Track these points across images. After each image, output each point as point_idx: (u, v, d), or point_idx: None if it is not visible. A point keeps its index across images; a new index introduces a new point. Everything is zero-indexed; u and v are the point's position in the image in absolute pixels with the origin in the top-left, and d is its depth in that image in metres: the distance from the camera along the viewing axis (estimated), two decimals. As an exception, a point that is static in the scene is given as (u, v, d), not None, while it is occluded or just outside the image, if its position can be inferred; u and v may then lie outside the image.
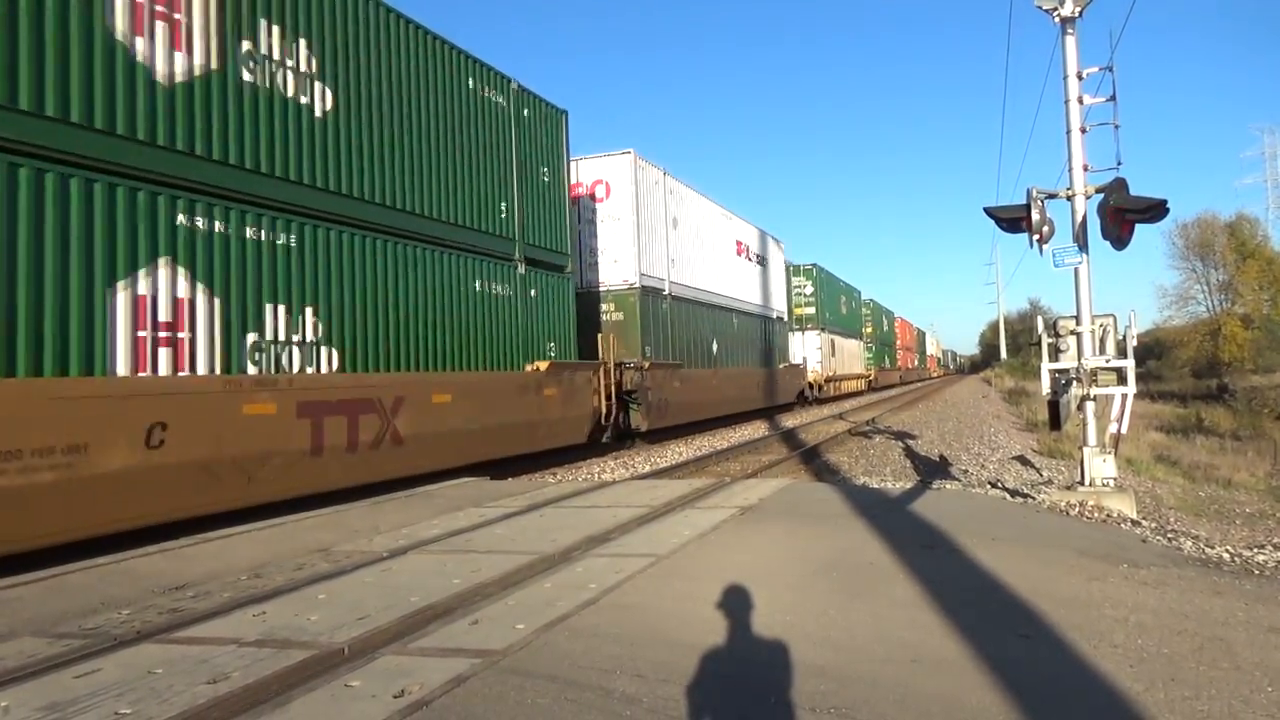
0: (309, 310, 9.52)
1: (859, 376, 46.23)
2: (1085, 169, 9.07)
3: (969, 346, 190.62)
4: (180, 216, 8.06)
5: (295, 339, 9.32)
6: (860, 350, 47.79)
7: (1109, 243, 8.57)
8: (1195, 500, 12.96)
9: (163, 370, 7.76)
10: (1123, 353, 8.87)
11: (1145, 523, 8.43)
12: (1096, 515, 8.12)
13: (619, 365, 16.97)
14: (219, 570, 6.14)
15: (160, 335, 7.76)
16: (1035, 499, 8.98)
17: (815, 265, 37.32)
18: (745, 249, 27.51)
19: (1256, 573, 5.95)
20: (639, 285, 18.58)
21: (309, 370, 9.47)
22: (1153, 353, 58.68)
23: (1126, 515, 8.29)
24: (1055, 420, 9.38)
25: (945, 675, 3.71)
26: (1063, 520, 7.84)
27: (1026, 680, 3.63)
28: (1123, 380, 8.79)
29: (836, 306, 41.53)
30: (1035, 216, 8.82)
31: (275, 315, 9.05)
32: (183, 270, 8.01)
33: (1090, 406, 8.86)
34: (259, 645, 4.24)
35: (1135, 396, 9.02)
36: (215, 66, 8.53)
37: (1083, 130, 9.12)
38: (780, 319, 31.33)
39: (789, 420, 27.27)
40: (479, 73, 13.21)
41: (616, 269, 18.75)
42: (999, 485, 11.11)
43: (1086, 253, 8.98)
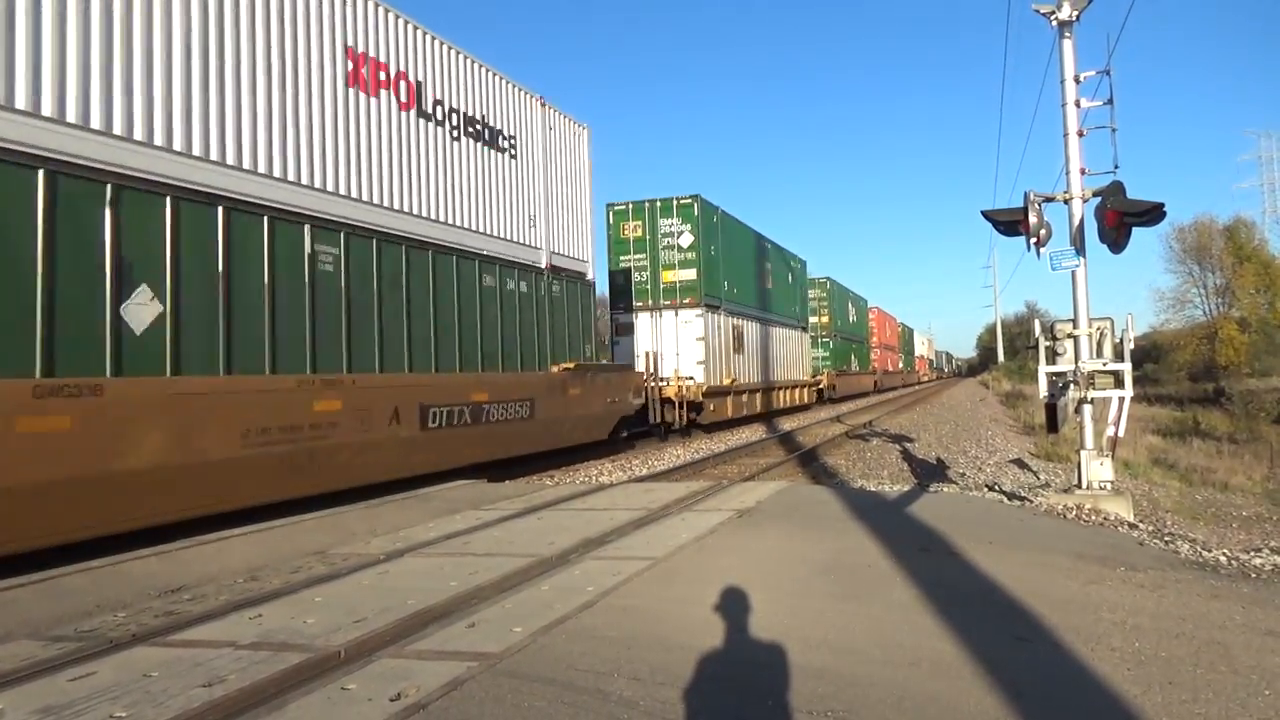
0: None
1: (800, 385, 32.99)
2: (1082, 172, 9.09)
3: (966, 349, 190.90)
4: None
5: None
6: (803, 347, 34.29)
7: (1106, 246, 8.59)
8: (1192, 503, 12.96)
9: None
10: (1120, 356, 8.88)
11: (1142, 526, 8.44)
12: (1094, 518, 8.12)
13: None
14: (215, 573, 6.13)
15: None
16: (1032, 502, 8.98)
17: (697, 198, 22.98)
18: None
19: (1253, 576, 5.96)
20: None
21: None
22: (1149, 356, 58.73)
23: (1124, 518, 8.29)
24: (1052, 423, 9.40)
25: (943, 678, 3.71)
26: (1060, 523, 7.84)
27: (1024, 683, 3.63)
28: (1120, 383, 8.80)
29: (750, 275, 27.19)
30: (1033, 220, 8.83)
31: None
32: None
33: (1087, 410, 8.87)
34: (255, 648, 4.22)
35: (1132, 400, 9.03)
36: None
37: (1080, 134, 9.13)
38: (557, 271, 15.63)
39: (787, 423, 27.26)
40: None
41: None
42: (996, 488, 11.11)
43: (1084, 256, 8.99)
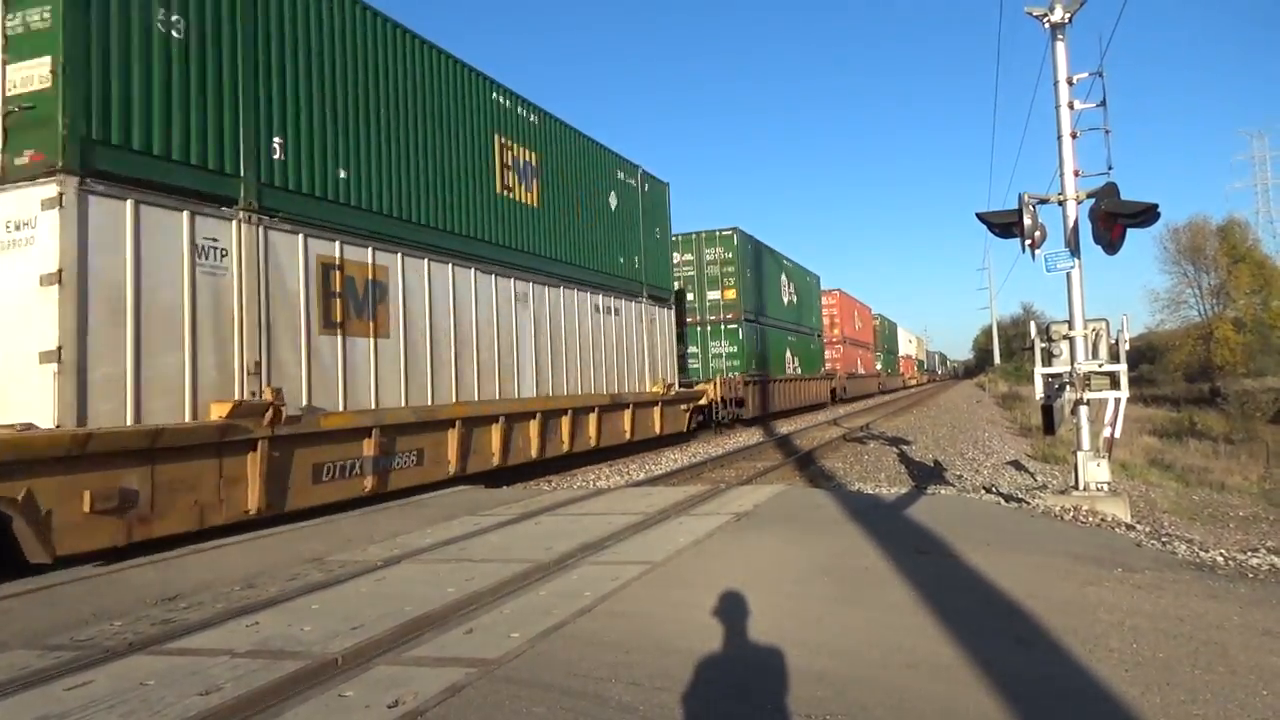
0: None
1: (644, 403, 18.32)
2: (1076, 174, 9.11)
3: (963, 351, 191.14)
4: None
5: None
6: (654, 341, 19.18)
7: (1100, 247, 8.60)
8: (1189, 504, 12.98)
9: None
10: (1115, 357, 8.90)
11: (1139, 527, 8.44)
12: (1091, 519, 8.13)
13: None
14: (211, 581, 6.11)
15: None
16: (1030, 504, 8.99)
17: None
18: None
19: (1251, 576, 5.96)
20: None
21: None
22: (1145, 357, 58.88)
23: (1121, 519, 8.29)
24: (1049, 424, 9.41)
25: (942, 680, 3.70)
26: (1057, 525, 7.84)
27: (1023, 685, 3.63)
28: (1116, 384, 8.81)
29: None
30: (1027, 221, 8.85)
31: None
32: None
33: (1084, 411, 8.88)
34: (252, 656, 4.21)
35: (1128, 401, 9.04)
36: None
37: (1073, 135, 9.15)
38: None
39: (785, 426, 27.26)
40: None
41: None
42: (993, 490, 11.12)
43: (1078, 257, 9.01)
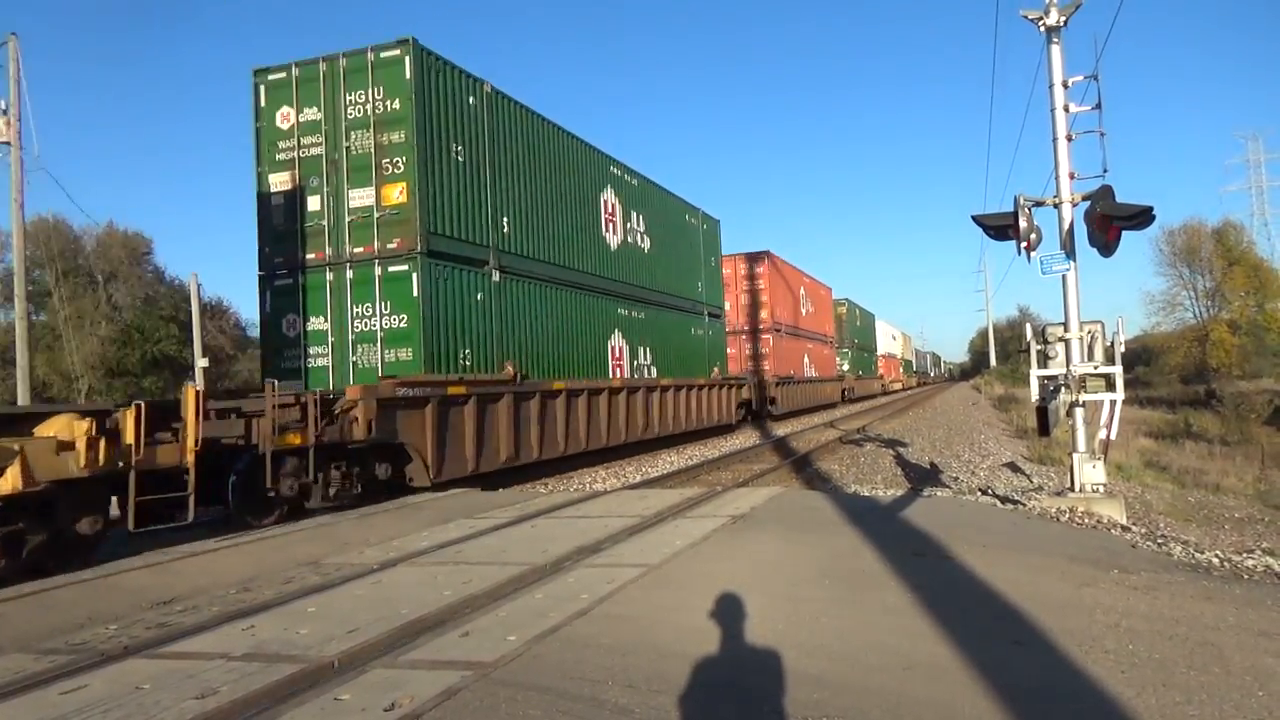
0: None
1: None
2: (1072, 176, 9.14)
3: (959, 354, 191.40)
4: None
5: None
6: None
7: (1096, 249, 8.63)
8: (1184, 505, 13.00)
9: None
10: (1111, 359, 8.92)
11: (1135, 528, 8.46)
12: (1087, 521, 8.15)
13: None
14: (207, 584, 6.09)
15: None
16: (1026, 505, 9.00)
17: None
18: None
19: (1246, 577, 5.98)
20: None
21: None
22: (1141, 359, 58.96)
23: (1116, 521, 8.31)
24: (1044, 426, 9.42)
25: (938, 682, 3.71)
26: (1053, 526, 7.86)
27: (1019, 686, 3.63)
28: (1111, 386, 8.83)
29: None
30: (1023, 224, 8.87)
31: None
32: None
33: (1079, 413, 8.90)
34: (248, 659, 4.20)
35: (1124, 402, 9.07)
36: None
37: (1069, 138, 9.19)
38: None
39: (780, 429, 27.27)
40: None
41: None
42: (990, 492, 11.14)
43: (1074, 259, 9.03)
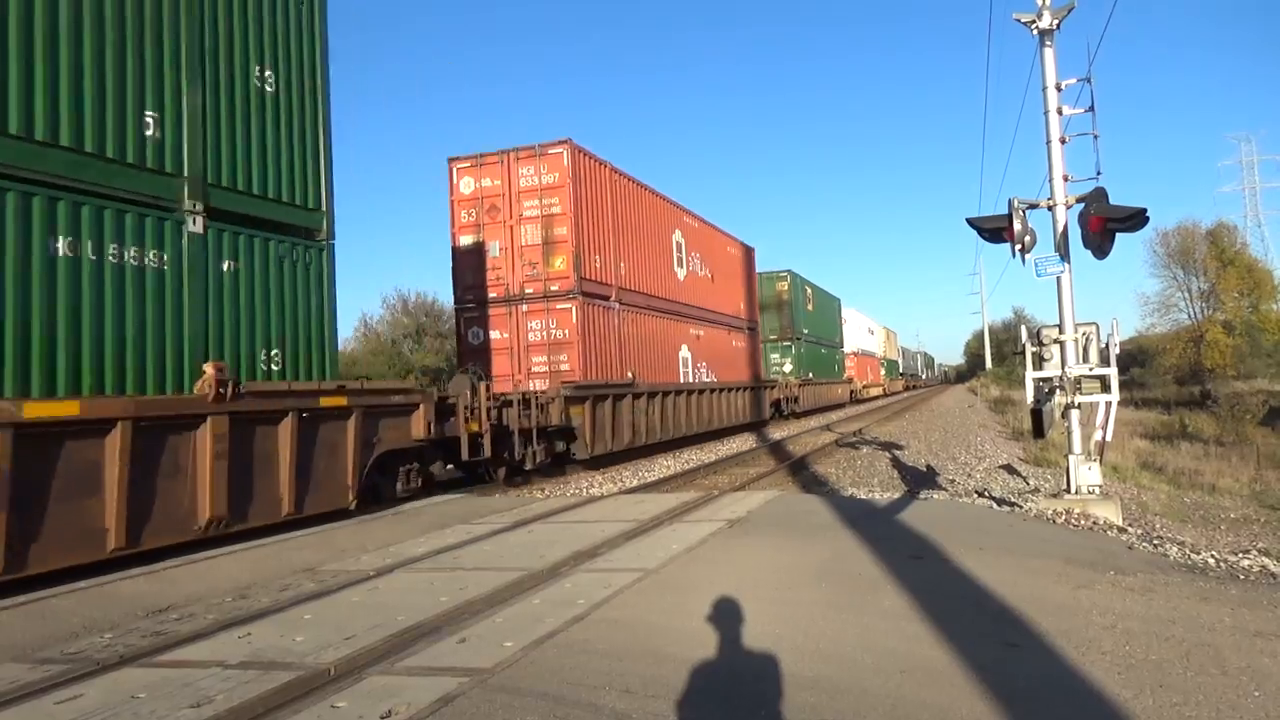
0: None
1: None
2: (1066, 179, 9.16)
3: (955, 356, 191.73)
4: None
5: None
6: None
7: (1090, 252, 8.64)
8: (1180, 506, 13.02)
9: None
10: (1106, 360, 8.93)
11: (1131, 530, 8.47)
12: (1083, 523, 8.15)
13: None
14: (203, 592, 6.08)
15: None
16: (1022, 507, 9.01)
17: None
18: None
19: (1242, 578, 5.99)
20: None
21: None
22: (1136, 360, 59.01)
23: (1112, 522, 8.32)
24: (1039, 428, 9.43)
25: (935, 685, 3.71)
26: (1049, 528, 7.87)
27: (1016, 689, 3.63)
28: (1106, 388, 8.84)
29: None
30: (1017, 226, 8.88)
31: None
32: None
33: (1075, 415, 8.91)
34: (244, 667, 4.19)
35: (1119, 404, 9.08)
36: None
37: (1062, 141, 9.21)
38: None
39: (778, 432, 27.29)
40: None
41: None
42: (986, 494, 11.15)
43: (1068, 262, 9.05)
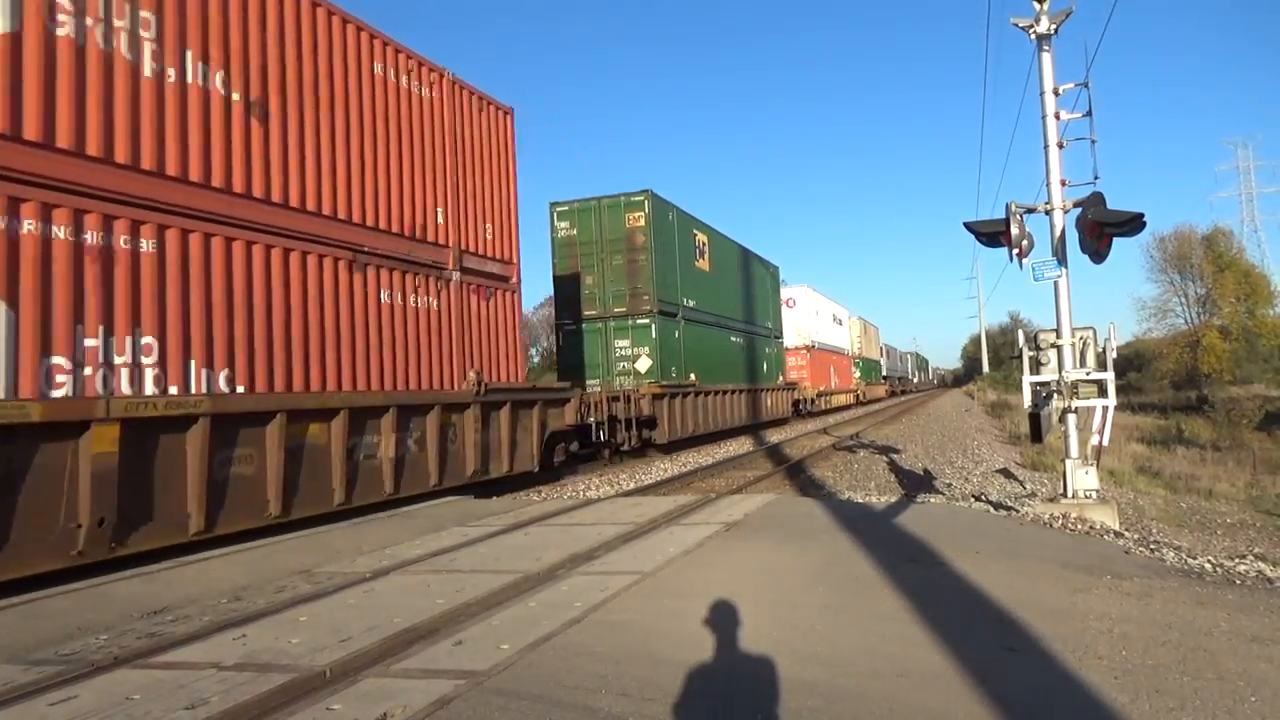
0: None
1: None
2: (1063, 184, 9.18)
3: (952, 360, 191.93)
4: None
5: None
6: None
7: (1087, 256, 8.66)
8: (1177, 511, 13.03)
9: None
10: (1103, 365, 8.94)
11: (1128, 534, 8.48)
12: (1080, 527, 8.16)
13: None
14: (198, 594, 6.06)
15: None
16: (1019, 512, 9.01)
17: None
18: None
19: (1238, 583, 5.99)
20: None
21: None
22: (1133, 365, 59.10)
23: (1109, 527, 8.33)
24: (1036, 432, 9.45)
25: (932, 689, 3.70)
26: (1046, 533, 7.87)
27: (1013, 693, 3.63)
28: (1103, 392, 8.85)
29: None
30: (1014, 231, 8.90)
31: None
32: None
33: (1071, 419, 8.92)
34: (239, 669, 4.18)
35: (1116, 408, 9.09)
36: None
37: (1060, 145, 9.23)
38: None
39: (775, 435, 27.30)
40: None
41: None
42: (983, 498, 11.15)
43: (1065, 266, 9.06)
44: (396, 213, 10.99)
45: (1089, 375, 8.92)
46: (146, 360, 7.39)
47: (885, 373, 67.06)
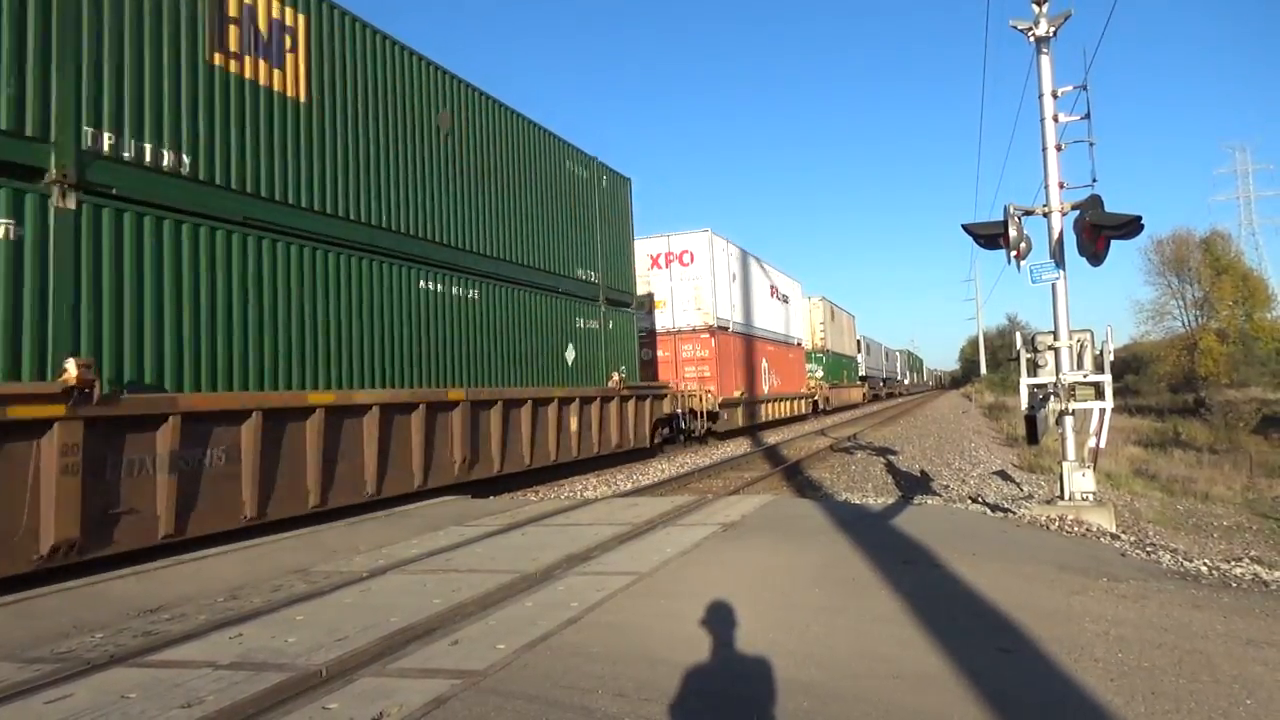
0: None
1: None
2: (1061, 186, 9.19)
3: (950, 362, 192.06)
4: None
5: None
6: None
7: (1085, 259, 8.67)
8: (1173, 514, 13.06)
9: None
10: (1100, 367, 8.95)
11: (1124, 536, 8.48)
12: (1076, 529, 8.16)
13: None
14: (195, 592, 6.05)
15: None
16: (1015, 514, 9.02)
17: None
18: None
19: (1234, 585, 6.00)
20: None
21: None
22: (1130, 367, 59.18)
23: (1106, 529, 8.34)
24: (1032, 434, 9.46)
25: (928, 691, 3.71)
26: (1043, 535, 7.87)
27: (1009, 695, 3.63)
28: (1100, 395, 8.86)
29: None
30: (1013, 233, 8.91)
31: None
32: None
33: (1069, 421, 8.93)
34: (235, 668, 4.17)
35: (1113, 411, 9.10)
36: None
37: (1058, 148, 9.24)
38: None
39: (772, 437, 27.31)
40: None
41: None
42: (980, 500, 11.16)
43: (1063, 268, 9.08)
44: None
45: (1086, 378, 8.94)
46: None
47: (864, 372, 56.32)
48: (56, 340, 6.79)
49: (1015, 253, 8.98)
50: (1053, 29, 9.32)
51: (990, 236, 9.16)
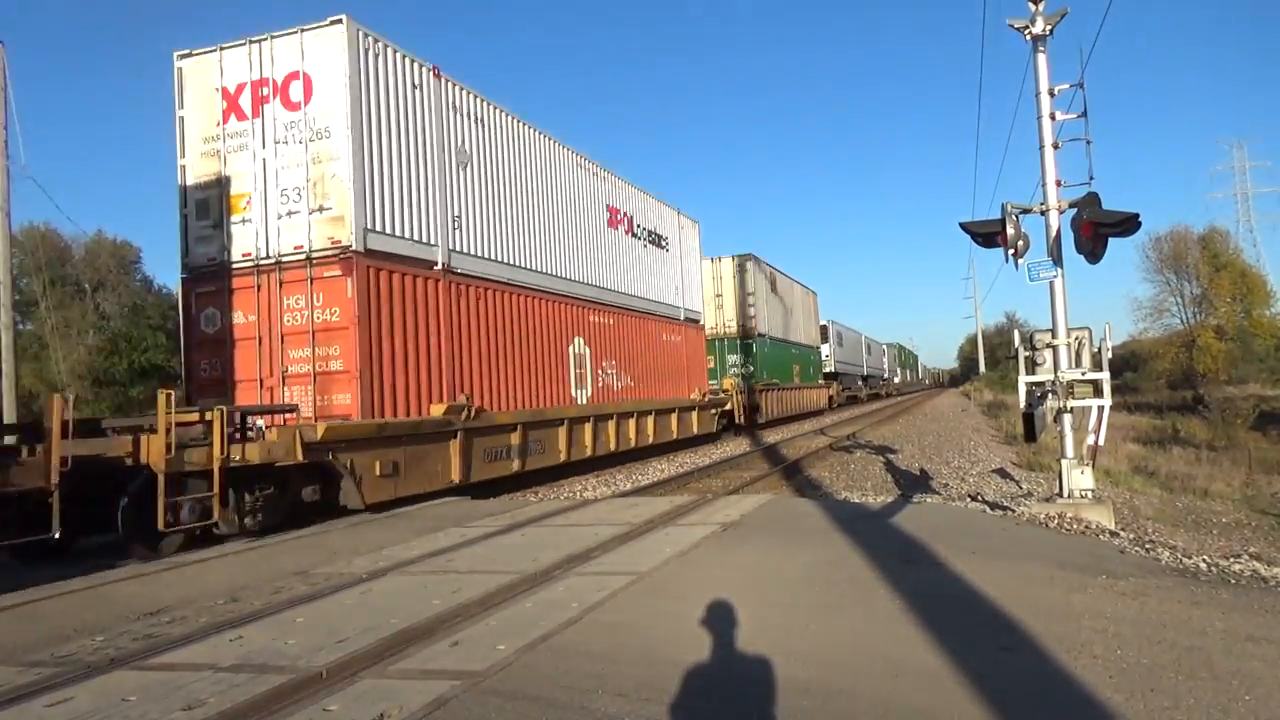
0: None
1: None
2: (1058, 184, 9.19)
3: (948, 360, 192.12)
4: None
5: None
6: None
7: (1083, 256, 8.67)
8: (1172, 511, 13.06)
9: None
10: (1098, 365, 8.96)
11: (1123, 534, 8.50)
12: (1075, 527, 8.17)
13: None
14: (195, 595, 6.05)
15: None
16: (1015, 511, 9.03)
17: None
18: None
19: (1233, 582, 6.01)
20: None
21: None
22: (1128, 365, 59.18)
23: (1105, 526, 8.34)
24: (1030, 432, 9.45)
25: (928, 688, 3.71)
26: (1042, 532, 7.89)
27: (1008, 692, 3.64)
28: (1099, 392, 8.87)
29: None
30: (1010, 231, 8.92)
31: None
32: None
33: (1067, 419, 8.93)
34: (235, 670, 4.18)
35: (1111, 408, 9.11)
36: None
37: (1055, 146, 9.24)
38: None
39: (771, 436, 27.32)
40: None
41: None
42: (979, 498, 11.18)
43: (1061, 266, 9.08)
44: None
45: (1084, 375, 8.95)
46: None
47: (833, 369, 46.09)
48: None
49: (1013, 251, 8.99)
50: (1049, 27, 9.33)
51: (988, 235, 9.16)
